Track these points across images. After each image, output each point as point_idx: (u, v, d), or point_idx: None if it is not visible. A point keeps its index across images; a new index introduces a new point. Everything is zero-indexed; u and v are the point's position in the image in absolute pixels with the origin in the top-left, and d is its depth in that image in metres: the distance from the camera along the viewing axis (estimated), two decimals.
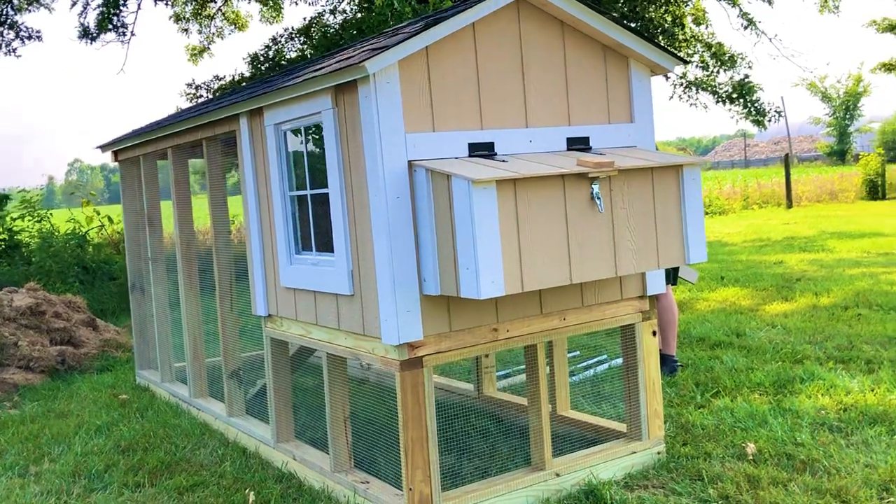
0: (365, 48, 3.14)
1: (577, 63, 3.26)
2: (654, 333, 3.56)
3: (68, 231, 10.66)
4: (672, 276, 4.83)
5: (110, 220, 11.34)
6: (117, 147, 5.74)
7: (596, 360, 5.30)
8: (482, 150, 3.01)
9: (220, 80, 12.70)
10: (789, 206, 19.52)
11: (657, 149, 3.45)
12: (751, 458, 3.43)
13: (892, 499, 2.96)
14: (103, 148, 5.97)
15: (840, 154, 36.38)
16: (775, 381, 4.46)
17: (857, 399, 4.07)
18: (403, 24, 3.82)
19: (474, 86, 3.02)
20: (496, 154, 3.04)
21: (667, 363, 4.86)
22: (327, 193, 3.18)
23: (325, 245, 3.32)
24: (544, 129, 3.18)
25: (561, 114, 3.23)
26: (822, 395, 4.19)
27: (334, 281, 3.19)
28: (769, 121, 11.65)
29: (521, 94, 3.13)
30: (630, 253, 2.99)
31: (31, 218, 10.90)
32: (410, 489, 2.95)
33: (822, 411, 3.94)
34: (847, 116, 36.53)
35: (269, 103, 3.48)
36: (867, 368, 4.64)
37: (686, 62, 3.58)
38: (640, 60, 3.41)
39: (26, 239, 10.83)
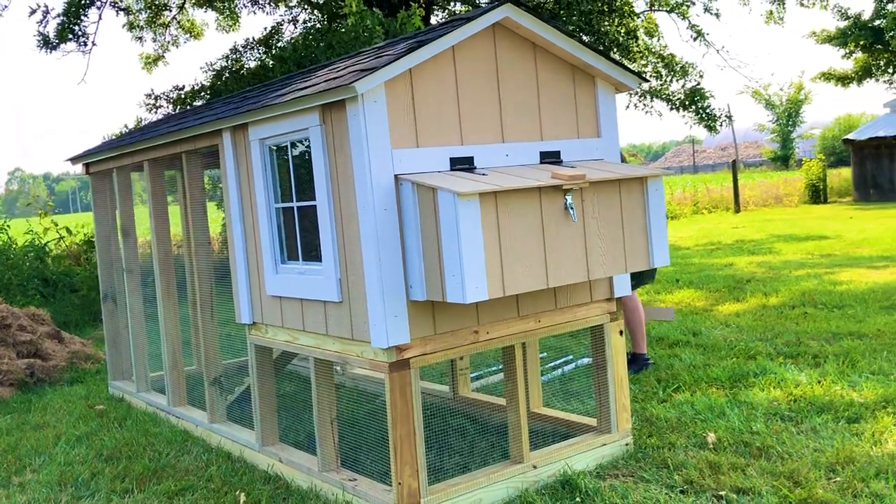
0: (351, 69, 3.32)
1: (549, 82, 3.49)
2: (621, 333, 3.81)
3: (27, 243, 10.55)
4: (636, 280, 5.10)
5: (69, 231, 11.23)
6: (89, 160, 5.80)
7: (563, 360, 5.54)
8: (463, 164, 3.22)
9: (179, 90, 12.69)
10: (737, 210, 20.20)
11: (623, 160, 3.70)
12: (711, 446, 3.70)
13: (838, 478, 3.24)
14: (73, 160, 6.01)
15: (784, 159, 37.66)
16: (731, 375, 4.75)
17: (806, 391, 4.38)
18: (384, 45, 4.01)
19: (454, 104, 3.23)
20: (476, 168, 3.25)
21: (637, 361, 5.13)
22: (314, 206, 3.35)
23: (312, 255, 3.48)
24: (519, 143, 3.40)
25: (534, 130, 3.46)
26: (774, 387, 4.50)
27: (322, 288, 3.35)
28: (720, 125, 12.16)
29: (497, 112, 3.35)
30: (600, 258, 3.23)
31: None
32: (399, 483, 3.14)
33: (775, 402, 4.24)
34: (790, 123, 37.85)
35: (254, 119, 3.63)
36: (814, 362, 4.97)
37: (646, 80, 3.85)
38: (605, 79, 3.66)
39: None
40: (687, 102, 11.71)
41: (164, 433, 4.69)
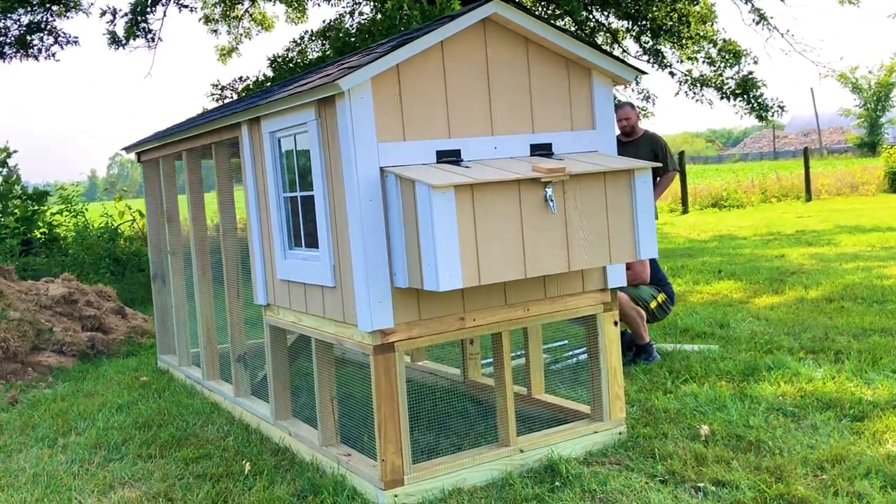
0: (344, 65, 3.49)
1: (541, 75, 3.58)
2: (616, 323, 3.87)
3: (101, 225, 11.22)
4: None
5: (141, 214, 11.87)
6: (140, 149, 6.17)
7: (583, 349, 5.60)
8: (450, 157, 3.35)
9: (243, 81, 13.16)
10: (808, 199, 19.50)
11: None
12: (703, 438, 3.74)
13: (824, 476, 3.25)
14: (128, 149, 6.40)
15: (871, 146, 35.90)
16: (743, 369, 4.73)
17: (817, 386, 4.34)
18: (380, 43, 4.16)
19: (442, 98, 3.36)
20: (462, 160, 3.37)
21: (646, 350, 5.17)
22: (313, 196, 3.55)
23: (312, 242, 3.68)
24: (509, 136, 3.50)
25: (525, 123, 3.55)
26: (785, 382, 4.47)
27: (320, 274, 3.55)
28: (772, 116, 11.80)
29: (486, 105, 3.46)
30: (582, 250, 3.31)
31: (68, 213, 11.49)
32: (383, 460, 3.32)
33: (781, 397, 4.22)
34: (879, 108, 36.05)
35: (264, 113, 3.85)
36: (835, 358, 4.89)
37: (643, 73, 3.88)
38: (601, 72, 3.72)
39: (64, 233, 11.40)
40: (738, 91, 11.40)
41: (196, 405, 5.01)
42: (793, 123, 51.89)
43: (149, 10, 11.56)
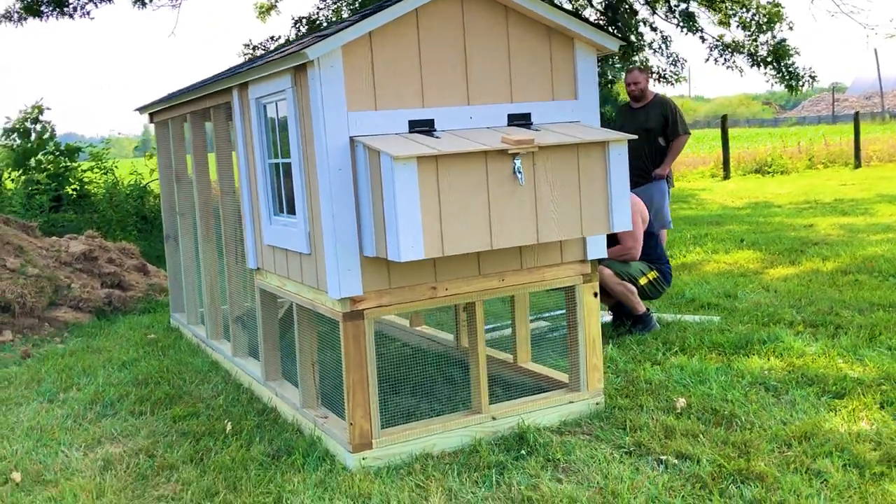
0: (319, 34, 3.48)
1: (521, 44, 3.52)
2: (596, 295, 3.85)
3: (131, 183, 11.46)
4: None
5: None
6: (151, 110, 6.27)
7: None
8: (422, 127, 3.34)
9: (275, 40, 13.18)
10: (857, 166, 18.89)
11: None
12: (678, 411, 3.72)
13: (789, 453, 3.22)
14: (140, 110, 6.51)
15: None
16: (736, 342, 4.68)
17: (806, 362, 4.27)
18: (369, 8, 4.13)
19: (416, 67, 3.34)
20: (435, 130, 3.36)
21: (643, 320, 5.13)
22: (290, 163, 3.58)
23: (292, 209, 3.73)
24: (485, 106, 3.47)
25: (503, 92, 3.51)
26: (775, 357, 4.41)
27: (297, 240, 3.60)
28: (803, 86, 11.38)
29: (462, 75, 3.43)
30: (552, 222, 3.29)
31: (98, 170, 11.75)
32: (352, 424, 3.39)
33: (767, 372, 4.18)
34: None
35: (251, 79, 3.88)
36: (834, 333, 4.80)
37: (627, 41, 3.78)
38: (584, 41, 3.64)
39: (94, 190, 11.68)
40: (769, 59, 10.99)
41: (197, 363, 5.15)
42: (855, 85, 49.94)
43: None
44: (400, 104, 3.32)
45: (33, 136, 10.94)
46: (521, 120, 3.54)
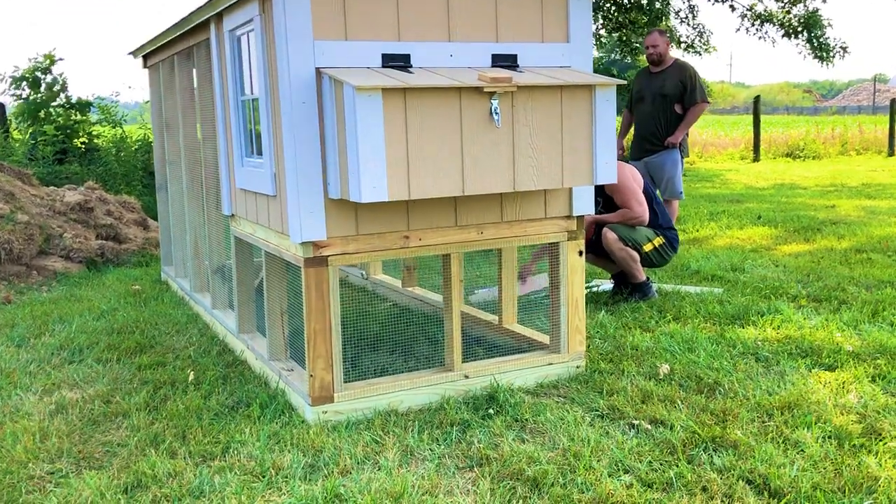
0: None
1: None
2: (581, 253, 3.63)
3: (139, 138, 11.33)
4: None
5: None
6: (143, 52, 6.07)
7: (589, 284, 5.35)
8: (397, 62, 3.12)
9: None
10: (890, 153, 18.35)
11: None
12: (660, 377, 3.51)
13: (770, 423, 3.00)
14: (134, 53, 6.31)
15: None
16: (733, 313, 4.44)
17: (804, 334, 4.03)
18: None
19: None
20: (411, 66, 3.14)
21: (641, 288, 4.91)
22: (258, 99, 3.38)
23: (261, 149, 3.53)
24: (468, 44, 3.24)
25: (488, 30, 3.28)
26: (772, 328, 4.17)
27: (263, 182, 3.41)
28: (833, 58, 10.93)
29: (444, 8, 3.19)
30: (531, 169, 3.07)
31: (108, 123, 11.62)
32: (312, 376, 3.21)
33: (760, 342, 3.94)
34: None
35: (223, 8, 3.66)
36: (837, 308, 4.54)
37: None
38: None
39: (102, 144, 11.57)
40: (800, 29, 10.53)
41: (177, 315, 5.01)
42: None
43: None
44: (373, 35, 3.10)
45: (43, 86, 10.80)
46: (506, 61, 3.30)
